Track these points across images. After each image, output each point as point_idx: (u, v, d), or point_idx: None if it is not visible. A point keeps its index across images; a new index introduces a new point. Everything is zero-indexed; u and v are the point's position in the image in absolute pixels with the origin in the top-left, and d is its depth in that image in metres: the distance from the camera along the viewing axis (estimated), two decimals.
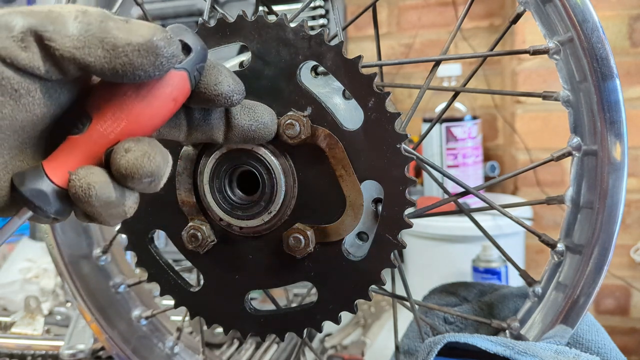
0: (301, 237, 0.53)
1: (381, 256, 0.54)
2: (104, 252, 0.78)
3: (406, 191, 0.52)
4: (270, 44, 0.52)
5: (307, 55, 0.52)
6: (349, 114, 0.57)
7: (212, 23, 0.54)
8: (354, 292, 0.55)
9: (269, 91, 0.53)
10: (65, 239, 0.75)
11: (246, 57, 0.55)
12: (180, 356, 0.82)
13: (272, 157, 0.53)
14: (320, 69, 0.58)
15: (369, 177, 0.53)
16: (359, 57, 0.52)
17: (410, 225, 0.53)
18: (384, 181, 0.52)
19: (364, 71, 0.51)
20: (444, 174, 0.63)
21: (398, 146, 0.51)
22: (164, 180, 0.42)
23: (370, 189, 0.54)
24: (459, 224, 1.32)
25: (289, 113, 0.52)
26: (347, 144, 0.52)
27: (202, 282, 0.60)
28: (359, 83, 0.51)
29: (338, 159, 0.52)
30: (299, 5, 0.65)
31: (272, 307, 0.66)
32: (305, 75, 0.55)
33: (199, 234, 0.56)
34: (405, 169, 0.52)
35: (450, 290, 0.81)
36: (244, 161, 0.54)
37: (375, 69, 0.58)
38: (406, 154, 0.52)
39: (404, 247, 0.54)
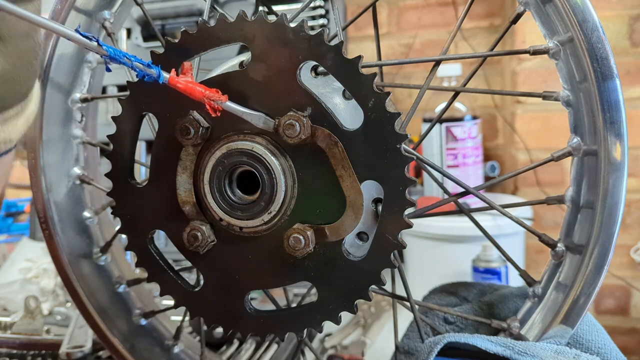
0: (301, 237, 0.53)
1: (381, 256, 0.54)
2: (104, 252, 0.78)
3: (406, 191, 0.52)
4: (270, 44, 0.52)
5: (307, 55, 0.52)
6: (349, 114, 0.57)
7: (212, 23, 0.54)
8: (354, 292, 0.55)
9: (269, 91, 0.53)
10: (65, 239, 0.75)
11: (246, 57, 0.55)
12: (180, 356, 0.82)
13: (271, 157, 0.53)
14: (320, 69, 0.58)
15: (369, 177, 0.53)
16: (359, 57, 0.52)
17: (410, 225, 0.53)
18: (384, 181, 0.52)
19: (364, 71, 0.51)
20: (444, 174, 0.63)
21: (398, 146, 0.51)
22: None
23: (370, 189, 0.54)
24: (459, 224, 1.31)
25: (289, 113, 0.52)
26: (347, 144, 0.52)
27: (202, 282, 0.60)
28: (359, 83, 0.51)
29: (338, 159, 0.52)
30: (299, 5, 0.66)
31: (272, 307, 0.66)
32: (305, 75, 0.55)
33: (199, 234, 0.56)
34: (405, 169, 0.52)
35: (450, 290, 0.81)
36: (244, 161, 0.54)
37: (375, 69, 0.58)
38: (406, 154, 0.51)
39: (404, 247, 0.54)
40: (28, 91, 0.55)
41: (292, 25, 0.52)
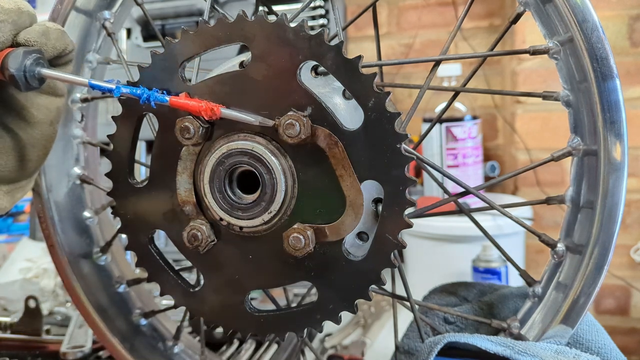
0: (301, 237, 0.53)
1: (381, 256, 0.54)
2: (104, 251, 0.78)
3: (406, 191, 0.52)
4: (271, 44, 0.52)
5: (307, 55, 0.52)
6: (349, 114, 0.57)
7: (212, 23, 0.54)
8: (354, 292, 0.55)
9: (269, 91, 0.53)
10: (65, 239, 0.75)
11: (246, 57, 0.55)
12: (180, 356, 0.82)
13: (272, 157, 0.53)
14: (320, 69, 0.58)
15: (369, 177, 0.53)
16: (359, 57, 0.52)
17: (410, 225, 0.53)
18: (384, 181, 0.52)
19: (364, 71, 0.51)
20: (444, 174, 0.62)
21: (398, 146, 0.51)
22: None
23: (370, 189, 0.54)
24: (459, 224, 1.32)
25: (289, 113, 0.52)
26: (347, 144, 0.52)
27: (202, 282, 0.60)
28: (359, 83, 0.51)
29: (338, 159, 0.52)
30: (299, 5, 0.66)
31: (272, 307, 0.66)
32: (305, 75, 0.55)
33: (199, 233, 0.56)
34: (405, 169, 0.52)
35: (450, 290, 0.81)
36: (244, 161, 0.54)
37: (375, 69, 0.58)
38: (406, 154, 0.51)
39: (404, 247, 0.54)
40: (35, 171, 0.63)
41: (292, 25, 0.52)
